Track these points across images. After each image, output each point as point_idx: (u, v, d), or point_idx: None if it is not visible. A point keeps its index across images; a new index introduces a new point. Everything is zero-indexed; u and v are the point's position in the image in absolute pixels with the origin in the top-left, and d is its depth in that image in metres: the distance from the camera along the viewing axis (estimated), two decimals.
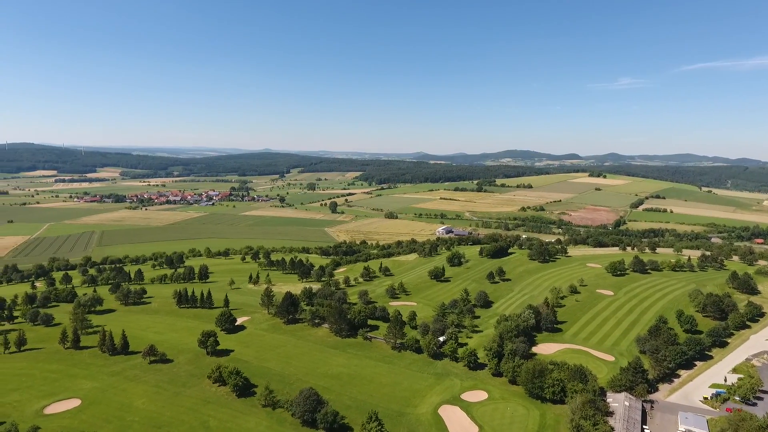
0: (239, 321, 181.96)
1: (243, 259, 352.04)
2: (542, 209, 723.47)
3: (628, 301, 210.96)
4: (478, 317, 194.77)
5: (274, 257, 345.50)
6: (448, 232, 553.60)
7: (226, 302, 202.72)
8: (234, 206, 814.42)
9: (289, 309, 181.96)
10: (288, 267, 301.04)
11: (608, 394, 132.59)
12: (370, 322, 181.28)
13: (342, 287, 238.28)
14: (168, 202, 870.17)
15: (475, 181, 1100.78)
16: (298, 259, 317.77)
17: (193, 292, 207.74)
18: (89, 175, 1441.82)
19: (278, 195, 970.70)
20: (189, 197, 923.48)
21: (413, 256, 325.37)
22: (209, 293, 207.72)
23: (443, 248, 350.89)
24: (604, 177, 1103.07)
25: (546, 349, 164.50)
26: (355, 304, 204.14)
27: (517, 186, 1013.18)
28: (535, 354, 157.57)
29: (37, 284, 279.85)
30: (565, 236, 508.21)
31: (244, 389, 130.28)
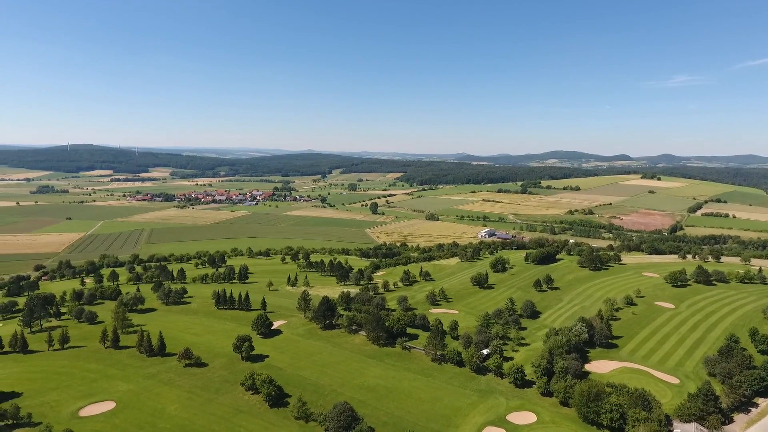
0: (275, 325, 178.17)
1: (283, 259, 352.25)
2: (591, 212, 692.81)
3: (691, 315, 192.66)
4: (525, 329, 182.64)
5: (313, 258, 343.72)
6: (491, 235, 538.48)
7: (264, 305, 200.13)
8: (276, 206, 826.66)
9: (325, 314, 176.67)
10: (327, 269, 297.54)
11: (675, 423, 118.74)
12: (409, 330, 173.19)
13: (381, 292, 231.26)
14: (214, 201, 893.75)
15: (519, 183, 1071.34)
16: (336, 261, 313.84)
17: (231, 294, 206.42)
18: (142, 175, 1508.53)
19: (320, 195, 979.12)
20: (234, 197, 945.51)
21: (455, 261, 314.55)
22: (247, 295, 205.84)
23: (486, 252, 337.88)
24: (658, 179, 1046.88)
25: (601, 367, 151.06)
26: (393, 310, 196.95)
27: (564, 188, 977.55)
28: (588, 372, 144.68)
29: (87, 281, 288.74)
30: (617, 241, 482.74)
31: (277, 399, 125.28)
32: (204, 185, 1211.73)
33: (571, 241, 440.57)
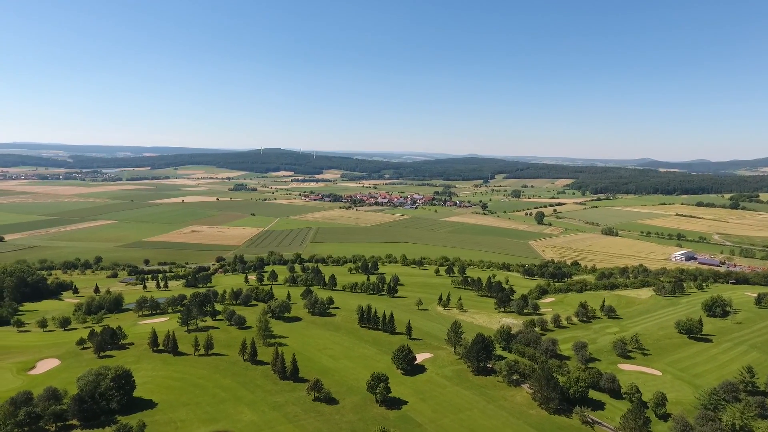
0: (419, 359, 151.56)
1: (437, 271, 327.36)
2: None
3: None
4: None
5: (469, 272, 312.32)
6: (689, 258, 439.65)
7: (409, 329, 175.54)
8: (435, 211, 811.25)
9: (479, 355, 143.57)
10: (484, 288, 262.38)
11: None
12: (590, 393, 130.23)
13: (550, 328, 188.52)
14: (376, 203, 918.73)
15: (727, 195, 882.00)
16: (496, 280, 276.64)
17: (375, 312, 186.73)
18: (317, 176, 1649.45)
19: (480, 201, 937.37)
20: (395, 200, 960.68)
21: (647, 293, 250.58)
22: (392, 315, 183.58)
23: (691, 284, 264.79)
24: None
25: None
26: (568, 358, 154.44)
27: None
28: None
29: (251, 277, 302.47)
30: None
31: None
32: (369, 187, 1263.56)
33: None
